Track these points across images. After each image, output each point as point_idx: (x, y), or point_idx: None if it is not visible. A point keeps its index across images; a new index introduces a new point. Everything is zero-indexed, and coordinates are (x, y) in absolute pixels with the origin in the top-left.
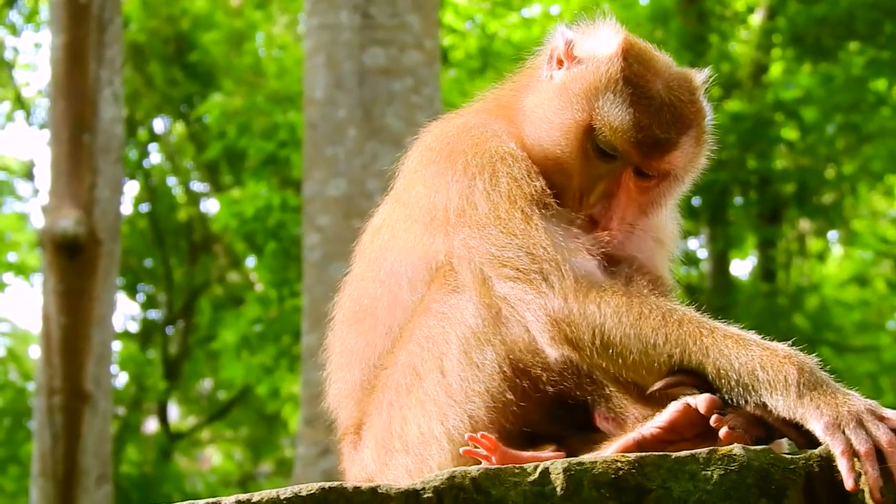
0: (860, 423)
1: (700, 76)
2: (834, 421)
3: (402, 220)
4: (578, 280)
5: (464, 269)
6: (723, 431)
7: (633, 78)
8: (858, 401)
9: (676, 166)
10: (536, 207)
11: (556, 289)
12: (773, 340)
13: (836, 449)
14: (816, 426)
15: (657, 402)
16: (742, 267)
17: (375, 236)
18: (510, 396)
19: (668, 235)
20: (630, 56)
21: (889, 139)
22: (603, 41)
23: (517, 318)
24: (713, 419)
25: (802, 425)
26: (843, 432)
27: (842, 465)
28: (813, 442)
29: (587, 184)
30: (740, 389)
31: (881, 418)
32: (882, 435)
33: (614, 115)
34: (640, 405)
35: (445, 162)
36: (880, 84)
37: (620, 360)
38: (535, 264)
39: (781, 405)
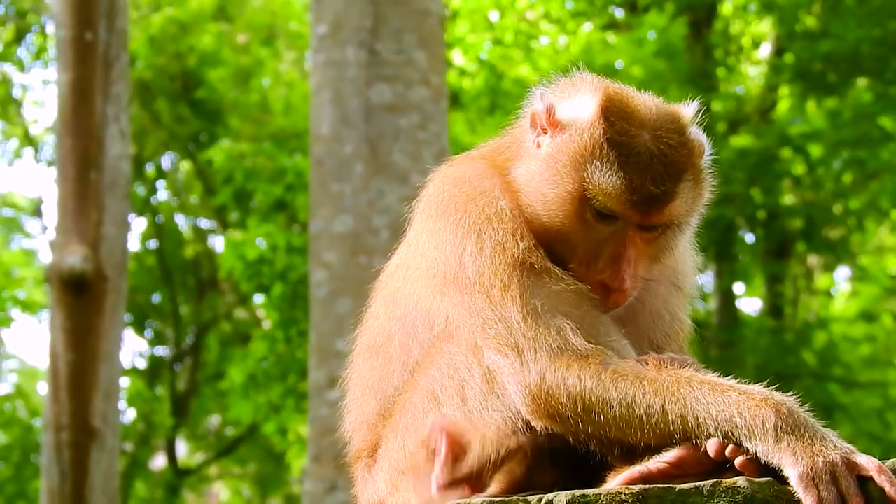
0: (833, 478)
1: (688, 111)
2: (808, 472)
3: (413, 269)
4: (554, 354)
5: (460, 334)
6: (739, 460)
7: (618, 137)
8: (834, 449)
9: (679, 214)
10: (518, 273)
11: (531, 366)
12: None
13: (808, 502)
14: (792, 474)
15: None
16: (750, 303)
17: (391, 278)
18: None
19: (686, 278)
20: (611, 115)
21: None
22: (582, 102)
23: (503, 388)
24: (729, 449)
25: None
26: (817, 486)
27: None
28: None
29: (592, 249)
30: (720, 437)
31: (853, 467)
32: (851, 487)
33: (606, 181)
34: (625, 463)
35: (440, 218)
36: (887, 121)
37: (605, 427)
38: (512, 338)
39: (760, 450)
